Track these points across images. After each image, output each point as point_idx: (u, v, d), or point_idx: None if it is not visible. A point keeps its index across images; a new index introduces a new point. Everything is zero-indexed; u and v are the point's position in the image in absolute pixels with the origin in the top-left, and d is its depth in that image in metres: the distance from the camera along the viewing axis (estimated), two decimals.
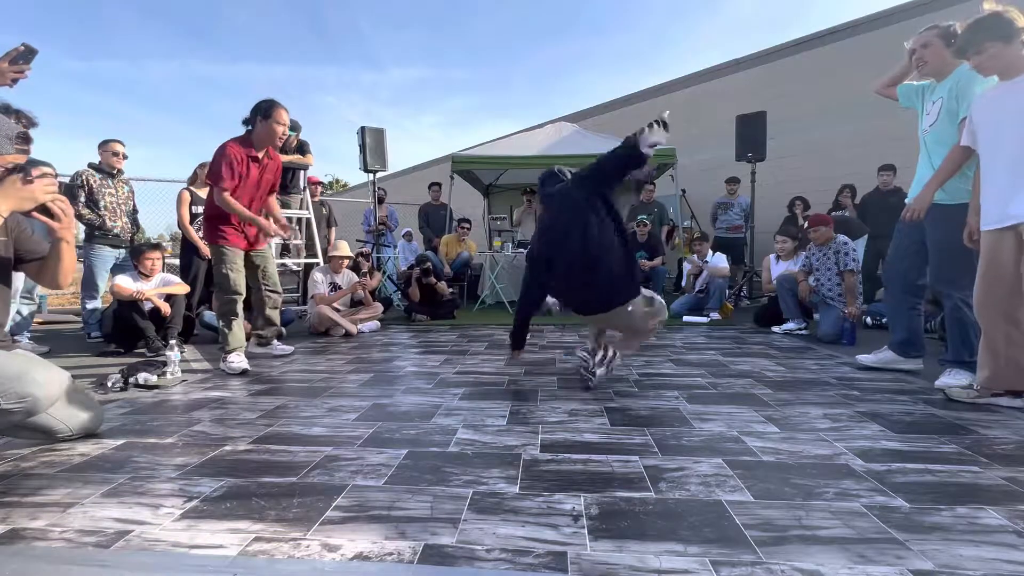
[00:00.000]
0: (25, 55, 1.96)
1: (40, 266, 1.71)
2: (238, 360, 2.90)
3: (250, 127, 2.90)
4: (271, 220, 3.14)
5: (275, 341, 3.33)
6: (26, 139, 1.45)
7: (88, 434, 1.76)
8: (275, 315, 3.30)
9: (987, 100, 2.04)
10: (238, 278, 2.96)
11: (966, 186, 2.29)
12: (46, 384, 1.50)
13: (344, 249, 4.45)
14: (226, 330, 2.94)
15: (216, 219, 2.93)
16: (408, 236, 7.17)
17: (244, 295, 3.01)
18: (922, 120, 2.48)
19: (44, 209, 1.50)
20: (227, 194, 2.80)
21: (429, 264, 5.10)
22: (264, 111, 2.84)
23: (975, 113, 2.08)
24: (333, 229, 6.01)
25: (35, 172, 1.43)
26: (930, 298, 3.32)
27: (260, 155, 2.94)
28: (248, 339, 3.49)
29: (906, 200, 2.59)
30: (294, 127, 5.12)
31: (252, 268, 3.12)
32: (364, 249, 5.83)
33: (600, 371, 2.35)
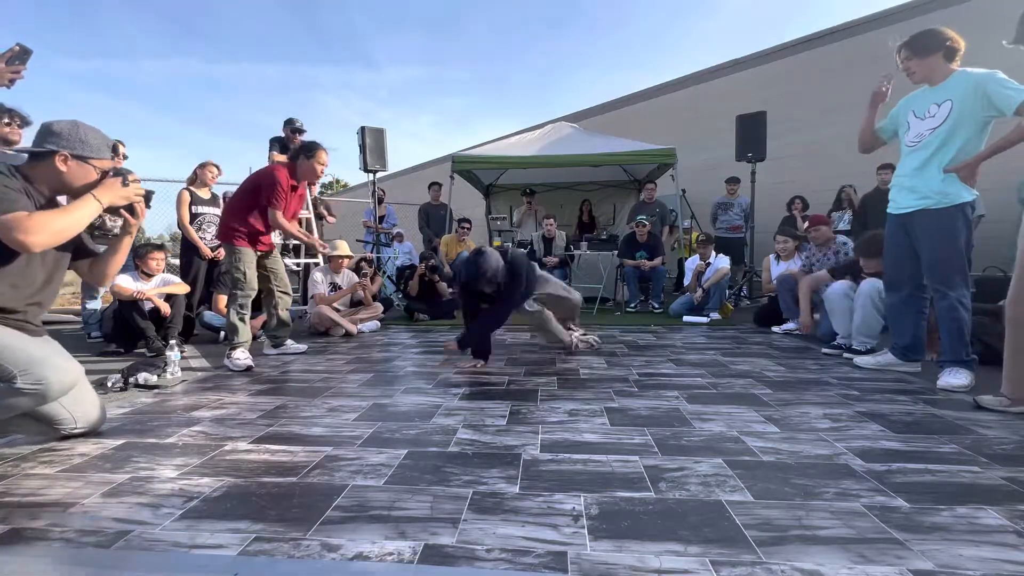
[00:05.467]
0: (20, 56, 2.03)
1: (92, 262, 1.87)
2: (244, 357, 2.95)
3: (293, 161, 3.20)
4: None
5: (288, 341, 3.38)
6: (115, 148, 1.74)
7: (88, 433, 1.76)
8: (287, 316, 3.38)
9: None
10: (252, 275, 3.08)
11: (954, 189, 2.31)
12: (64, 371, 1.57)
13: (344, 248, 4.45)
14: (238, 323, 3.02)
15: (234, 222, 3.05)
16: (399, 237, 7.12)
17: (256, 291, 3.12)
18: (911, 128, 2.47)
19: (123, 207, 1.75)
20: (280, 215, 3.04)
21: (434, 261, 5.11)
22: (307, 151, 3.14)
23: None
24: (322, 224, 5.89)
25: (130, 177, 1.71)
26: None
27: (296, 185, 3.20)
28: (256, 338, 3.60)
29: (888, 210, 2.61)
30: (299, 129, 5.12)
31: (263, 270, 3.21)
32: (368, 255, 5.83)
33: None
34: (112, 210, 1.72)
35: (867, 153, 2.80)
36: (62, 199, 1.75)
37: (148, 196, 1.83)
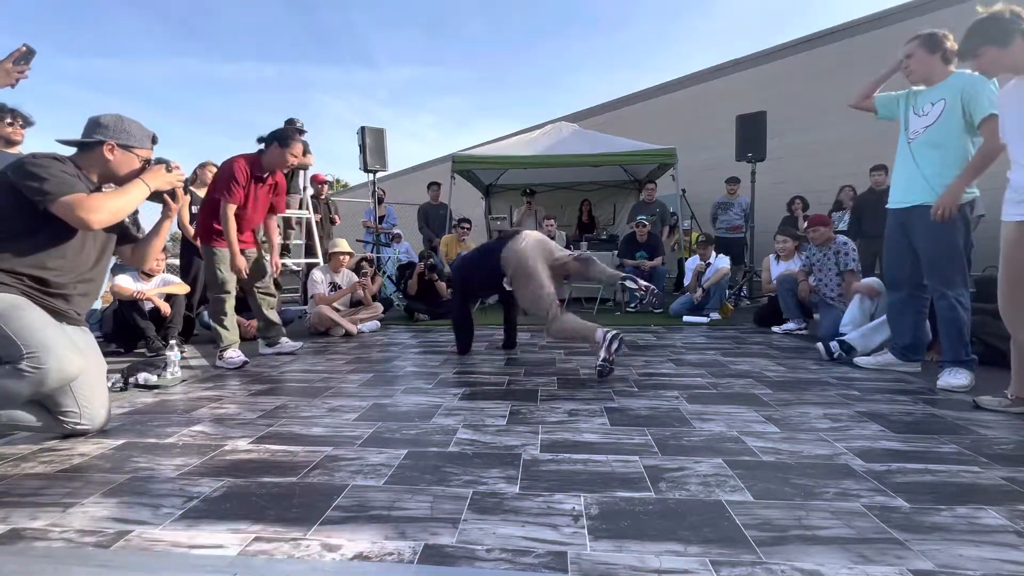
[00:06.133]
0: (26, 56, 2.07)
1: (134, 246, 2.01)
2: (236, 355, 2.96)
3: (264, 147, 3.03)
4: (267, 244, 3.43)
5: (283, 339, 3.38)
6: (154, 140, 1.92)
7: (89, 434, 1.76)
8: (274, 315, 3.36)
9: (1012, 92, 1.93)
10: (227, 277, 3.04)
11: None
12: (66, 360, 1.58)
13: (343, 246, 4.45)
14: (219, 328, 3.01)
15: (208, 221, 2.99)
16: (397, 238, 7.11)
17: (233, 293, 3.09)
18: (909, 124, 2.46)
19: (161, 193, 1.90)
20: (231, 209, 2.90)
21: (433, 260, 5.12)
22: (282, 139, 2.98)
23: (1002, 106, 1.99)
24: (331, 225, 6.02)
25: (172, 164, 1.88)
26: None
27: (265, 175, 3.06)
28: (252, 339, 3.62)
29: (888, 205, 2.60)
30: (300, 129, 5.11)
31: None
32: (368, 255, 5.84)
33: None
34: (155, 195, 1.85)
35: (854, 107, 2.79)
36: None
37: (186, 183, 1.95)
